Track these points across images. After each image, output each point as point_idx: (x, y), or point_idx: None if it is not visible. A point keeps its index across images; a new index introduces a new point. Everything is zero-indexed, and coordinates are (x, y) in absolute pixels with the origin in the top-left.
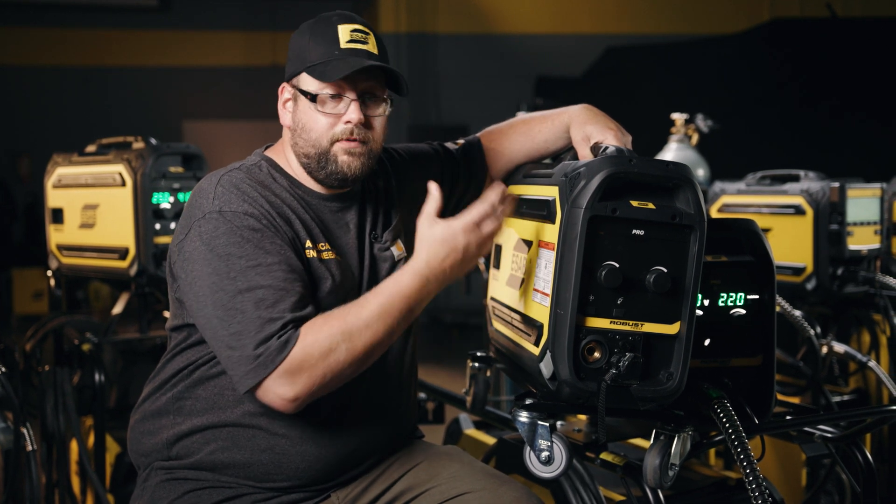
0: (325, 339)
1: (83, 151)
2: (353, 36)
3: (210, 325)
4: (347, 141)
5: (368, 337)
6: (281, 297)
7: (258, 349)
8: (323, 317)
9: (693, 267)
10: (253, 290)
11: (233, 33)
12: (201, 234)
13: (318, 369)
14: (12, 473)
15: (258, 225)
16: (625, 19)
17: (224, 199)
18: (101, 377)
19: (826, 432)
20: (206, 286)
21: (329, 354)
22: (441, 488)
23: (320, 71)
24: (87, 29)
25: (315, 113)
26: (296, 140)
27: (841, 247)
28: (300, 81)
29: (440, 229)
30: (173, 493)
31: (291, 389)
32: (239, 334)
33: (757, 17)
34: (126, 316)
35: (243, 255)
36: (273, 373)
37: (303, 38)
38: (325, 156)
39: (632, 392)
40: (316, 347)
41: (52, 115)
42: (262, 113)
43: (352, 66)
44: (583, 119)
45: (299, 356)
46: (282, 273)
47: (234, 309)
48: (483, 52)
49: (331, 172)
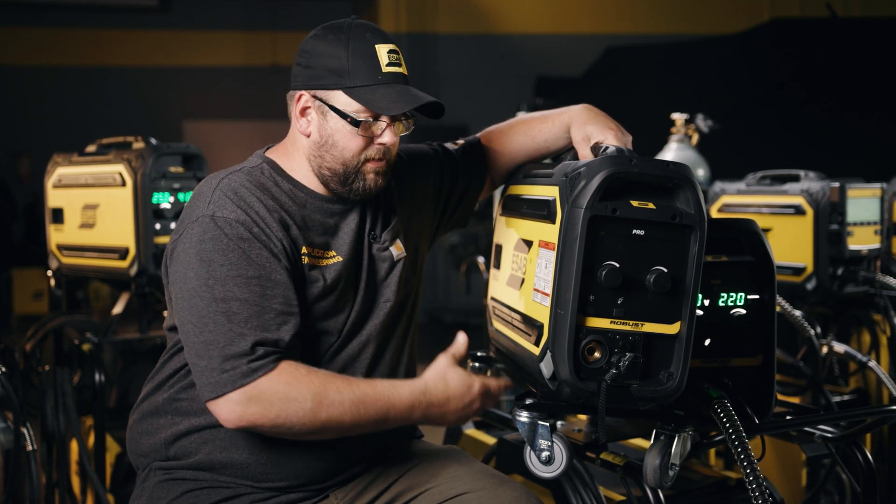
0: (296, 388)
1: (83, 151)
2: (391, 58)
3: (184, 329)
4: (377, 161)
5: (335, 413)
6: (254, 313)
7: (224, 364)
8: (310, 368)
9: (693, 267)
10: (228, 301)
11: (233, 33)
12: (191, 237)
13: (273, 409)
14: (12, 473)
15: (247, 234)
16: (625, 19)
17: (219, 205)
18: (101, 377)
19: (826, 432)
20: (187, 290)
21: (291, 402)
22: (440, 488)
23: (368, 98)
24: (87, 29)
25: (352, 135)
26: (321, 154)
27: (841, 247)
28: (333, 98)
29: (460, 376)
30: (172, 494)
31: (241, 412)
32: (207, 344)
33: (757, 17)
34: (126, 316)
35: (226, 262)
36: (233, 392)
37: (334, 50)
38: (355, 174)
39: (632, 392)
40: (283, 388)
41: (52, 115)
42: (262, 113)
43: (408, 102)
44: (583, 119)
45: (263, 387)
46: (259, 288)
47: (207, 317)
48: (483, 52)
49: (356, 189)
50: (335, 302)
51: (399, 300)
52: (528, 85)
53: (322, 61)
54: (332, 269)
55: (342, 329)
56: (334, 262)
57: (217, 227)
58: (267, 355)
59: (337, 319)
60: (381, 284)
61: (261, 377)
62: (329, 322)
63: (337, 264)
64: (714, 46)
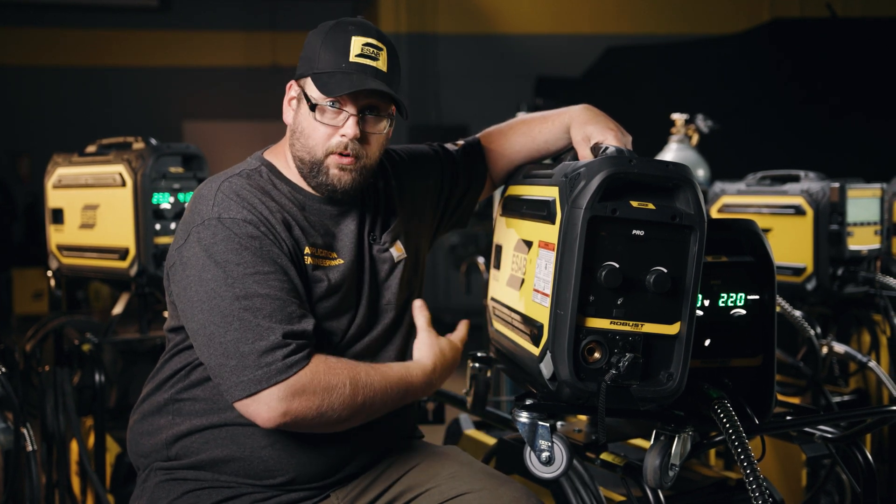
0: (334, 376)
1: (83, 152)
2: (364, 50)
3: (204, 332)
4: (340, 156)
5: (370, 395)
6: (278, 307)
7: (260, 360)
8: (337, 357)
9: (693, 267)
10: (250, 297)
11: (233, 33)
12: (200, 241)
13: (317, 399)
14: (12, 474)
15: (256, 232)
16: (625, 19)
17: (223, 206)
18: (101, 377)
19: (826, 432)
20: (203, 292)
21: (332, 391)
22: (441, 488)
23: (324, 82)
24: (87, 29)
25: (313, 121)
26: (293, 141)
27: (841, 247)
28: (306, 85)
29: (449, 344)
30: (172, 494)
31: (285, 408)
32: (236, 342)
33: (757, 17)
34: (126, 316)
35: (241, 262)
36: (273, 387)
37: (316, 41)
38: (318, 166)
39: (632, 392)
40: (323, 378)
41: (52, 115)
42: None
43: (353, 84)
44: (583, 119)
45: (306, 378)
46: (278, 283)
47: (231, 315)
48: (483, 53)
49: (321, 183)
50: (338, 304)
51: (401, 301)
52: (527, 85)
53: (306, 51)
54: (336, 270)
55: (346, 331)
56: (337, 264)
57: (226, 228)
58: (300, 349)
59: (340, 322)
60: (383, 286)
61: (301, 370)
62: (332, 324)
63: (340, 266)
64: (714, 46)
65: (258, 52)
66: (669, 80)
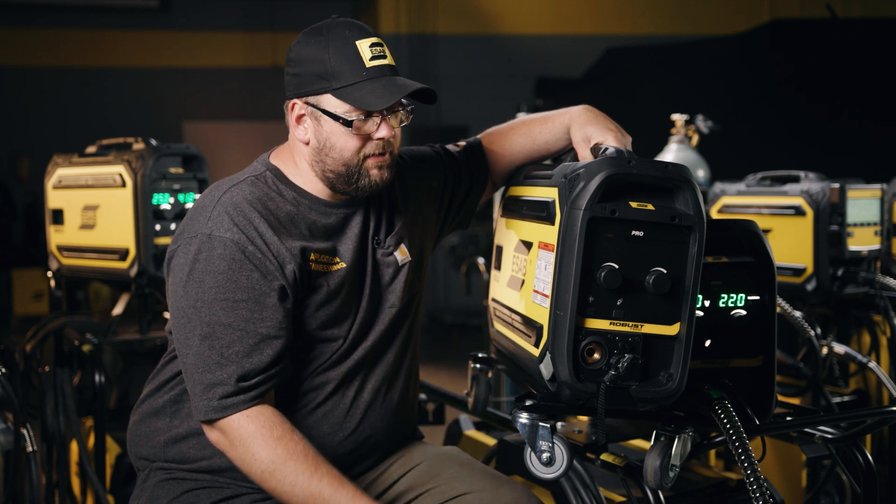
0: (258, 446)
1: (83, 152)
2: (374, 52)
3: (178, 340)
4: (378, 156)
5: (283, 492)
6: (237, 338)
7: (205, 392)
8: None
9: (693, 268)
10: (212, 325)
11: (233, 34)
12: (187, 254)
13: (234, 451)
14: (12, 474)
15: (240, 256)
16: (625, 20)
17: (217, 222)
18: (101, 378)
19: (826, 433)
20: (177, 308)
21: (247, 454)
22: (441, 489)
23: (356, 97)
24: (87, 29)
25: (349, 136)
26: (321, 158)
27: (841, 248)
28: (323, 102)
29: None
30: (172, 493)
31: (214, 438)
32: (193, 366)
33: (757, 17)
34: (126, 317)
35: (214, 285)
36: (205, 422)
37: (317, 54)
38: (357, 172)
39: (632, 393)
40: (247, 438)
41: (52, 115)
42: (262, 114)
43: (393, 93)
44: (583, 120)
45: (231, 426)
46: (247, 312)
47: (192, 339)
48: (483, 53)
49: (362, 186)
50: (339, 308)
51: (404, 305)
52: (528, 86)
53: (308, 67)
54: (336, 275)
55: (347, 335)
56: (338, 268)
57: (212, 248)
58: (242, 391)
59: (342, 326)
60: (386, 290)
61: (231, 416)
62: (334, 328)
63: (340, 271)
64: (714, 47)
65: (258, 52)
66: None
